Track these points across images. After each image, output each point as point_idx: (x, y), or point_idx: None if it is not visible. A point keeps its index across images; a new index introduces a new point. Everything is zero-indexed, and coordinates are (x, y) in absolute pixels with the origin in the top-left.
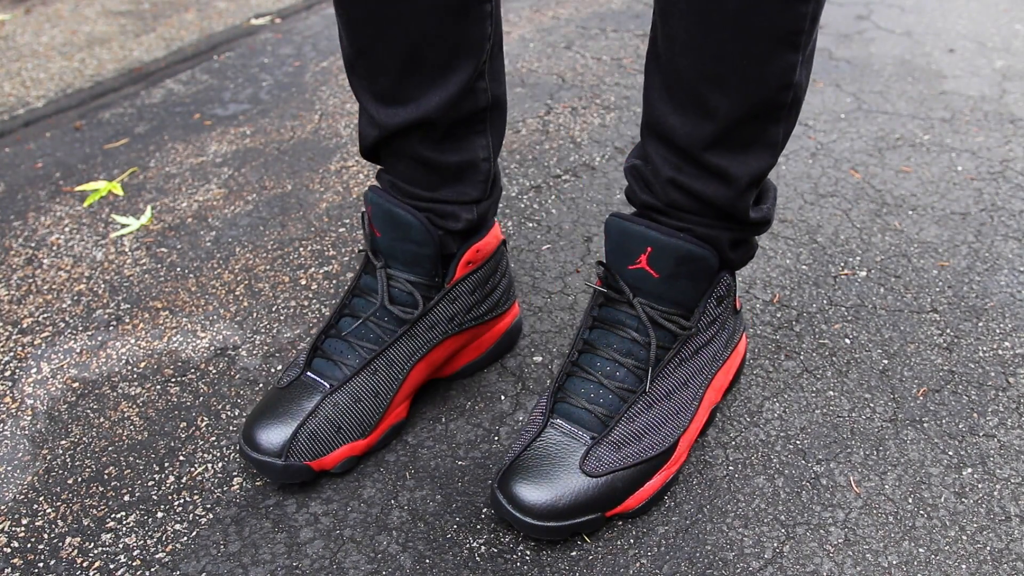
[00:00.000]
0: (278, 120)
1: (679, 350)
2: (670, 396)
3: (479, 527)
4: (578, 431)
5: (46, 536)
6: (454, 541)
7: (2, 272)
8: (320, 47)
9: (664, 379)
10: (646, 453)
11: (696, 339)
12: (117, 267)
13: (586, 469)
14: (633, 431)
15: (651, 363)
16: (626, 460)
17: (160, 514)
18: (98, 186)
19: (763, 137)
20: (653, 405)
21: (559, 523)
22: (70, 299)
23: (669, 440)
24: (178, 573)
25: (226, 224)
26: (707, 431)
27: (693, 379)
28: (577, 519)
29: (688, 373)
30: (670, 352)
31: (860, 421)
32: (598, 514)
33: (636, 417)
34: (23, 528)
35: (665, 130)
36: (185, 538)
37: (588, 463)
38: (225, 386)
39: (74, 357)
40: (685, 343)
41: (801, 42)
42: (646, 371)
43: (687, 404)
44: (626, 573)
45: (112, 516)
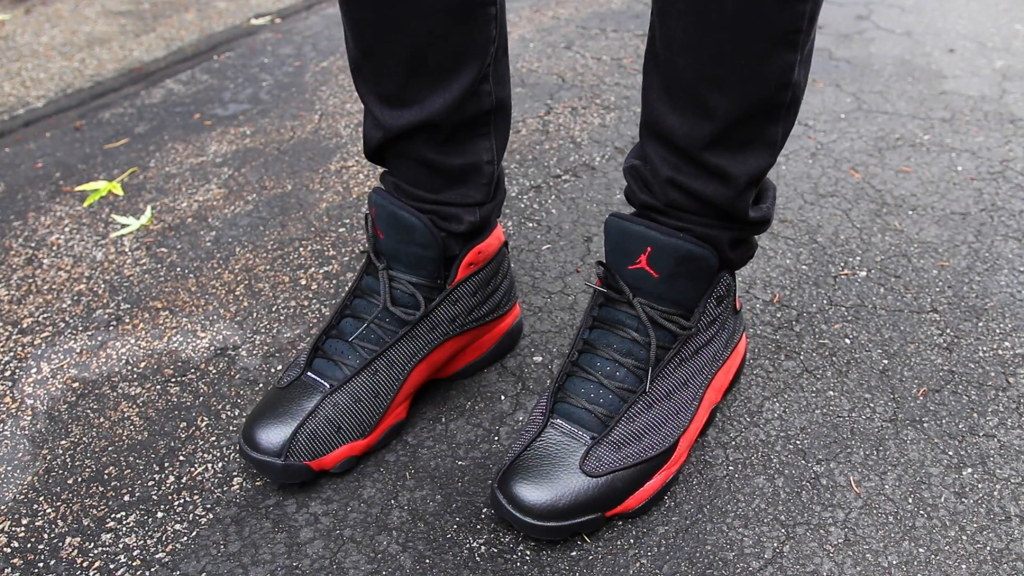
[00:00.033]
0: (278, 120)
1: (679, 350)
2: (670, 396)
3: (479, 527)
4: (578, 431)
5: (46, 536)
6: (454, 541)
7: (2, 272)
8: (320, 47)
9: (664, 379)
10: (646, 453)
11: (696, 339)
12: (117, 267)
13: (586, 469)
14: (633, 431)
15: (651, 363)
16: (626, 460)
17: (160, 514)
18: (98, 186)
19: (762, 136)
20: (653, 405)
21: (559, 523)
22: (70, 299)
23: (669, 440)
24: (178, 573)
25: (226, 224)
26: (707, 431)
27: (693, 379)
28: (577, 519)
29: (688, 373)
30: (670, 352)
31: (860, 421)
32: (598, 514)
33: (636, 417)
34: (23, 528)
35: (664, 130)
36: (185, 538)
37: (588, 463)
38: (225, 386)
39: (74, 357)
40: (685, 343)
41: (799, 41)
42: (646, 371)
43: (687, 404)
44: (626, 573)
45: (112, 516)
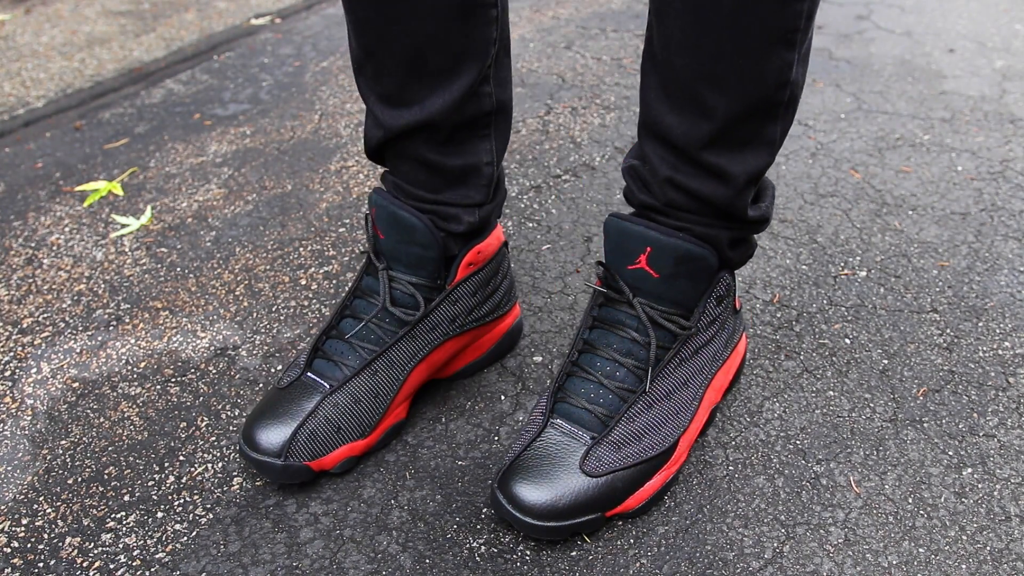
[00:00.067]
0: (278, 120)
1: (679, 350)
2: (670, 396)
3: (479, 527)
4: (578, 431)
5: (46, 536)
6: (454, 541)
7: (2, 272)
8: (320, 47)
9: (664, 379)
10: (646, 453)
11: (696, 339)
12: (117, 267)
13: (586, 469)
14: (633, 431)
15: (651, 363)
16: (626, 460)
17: (160, 514)
18: (98, 186)
19: (760, 135)
20: (653, 405)
21: (559, 523)
22: (70, 299)
23: (669, 440)
24: (178, 573)
25: (226, 224)
26: (707, 431)
27: (693, 379)
28: (577, 519)
29: (688, 373)
30: (670, 352)
31: (860, 421)
32: (598, 514)
33: (636, 417)
34: (23, 528)
35: (662, 130)
36: (185, 538)
37: (588, 463)
38: (225, 386)
39: (74, 357)
40: (685, 343)
41: (797, 40)
42: (646, 371)
43: (687, 404)
44: (626, 573)
45: (112, 516)
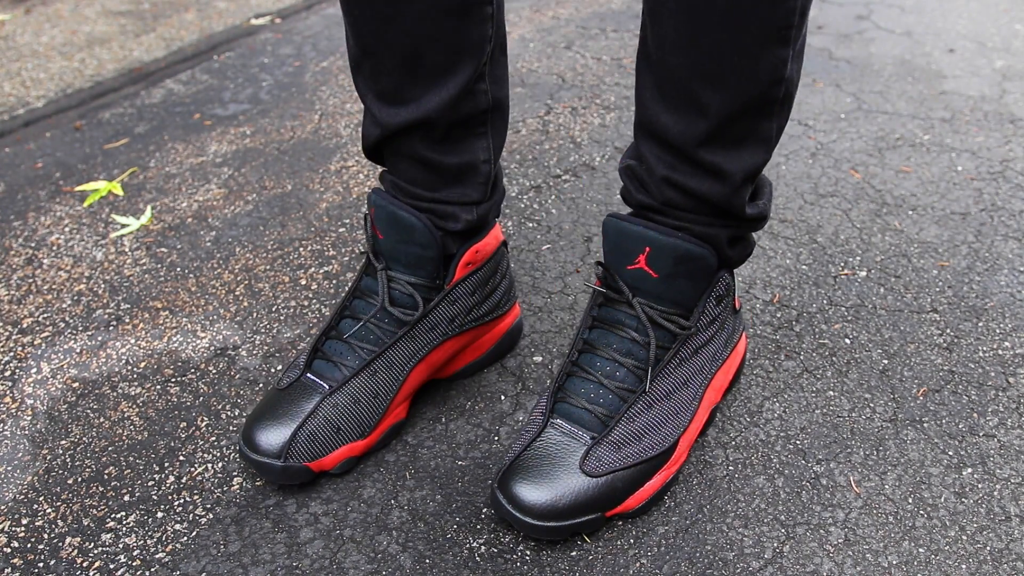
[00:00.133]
0: (278, 120)
1: (679, 350)
2: (670, 396)
3: (479, 527)
4: (578, 431)
5: (46, 536)
6: (454, 541)
7: (2, 272)
8: (320, 47)
9: (664, 379)
10: (646, 453)
11: (696, 339)
12: (117, 267)
13: (586, 469)
14: (633, 431)
15: (651, 363)
16: (626, 460)
17: (160, 514)
18: (98, 186)
19: (756, 132)
20: (653, 405)
21: (559, 523)
22: (70, 299)
23: (669, 440)
24: (178, 573)
25: (226, 224)
26: (707, 431)
27: (693, 379)
28: (577, 519)
29: (688, 373)
30: (670, 352)
31: (860, 421)
32: (598, 514)
33: (636, 417)
34: (23, 528)
35: (658, 129)
36: (185, 538)
37: (588, 463)
38: (225, 386)
39: (74, 357)
40: (685, 343)
41: (791, 36)
42: (646, 371)
43: (687, 404)
44: (626, 573)
45: (112, 516)
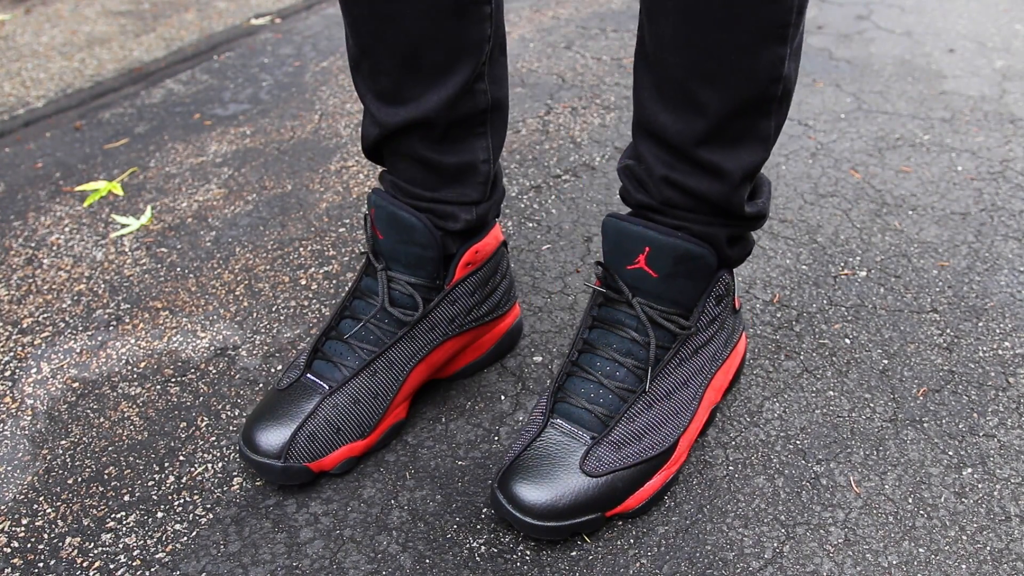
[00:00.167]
0: (278, 120)
1: (678, 350)
2: (670, 396)
3: (479, 527)
4: (578, 431)
5: (46, 536)
6: (454, 541)
7: (2, 272)
8: (320, 47)
9: (664, 379)
10: (646, 453)
11: (695, 338)
12: (117, 267)
13: (586, 469)
14: (633, 431)
15: (651, 363)
16: (626, 460)
17: (160, 514)
18: (98, 186)
19: (754, 131)
20: (653, 405)
21: (559, 523)
22: (70, 299)
23: (669, 440)
24: (178, 573)
25: (226, 224)
26: (707, 431)
27: (693, 379)
28: (577, 519)
29: (688, 373)
30: (670, 352)
31: (860, 421)
32: (598, 514)
33: (636, 417)
34: (23, 528)
35: (656, 128)
36: (185, 538)
37: (588, 463)
38: (225, 386)
39: (74, 357)
40: (684, 342)
41: (788, 34)
42: (646, 371)
43: (687, 404)
44: (626, 573)
45: (112, 516)
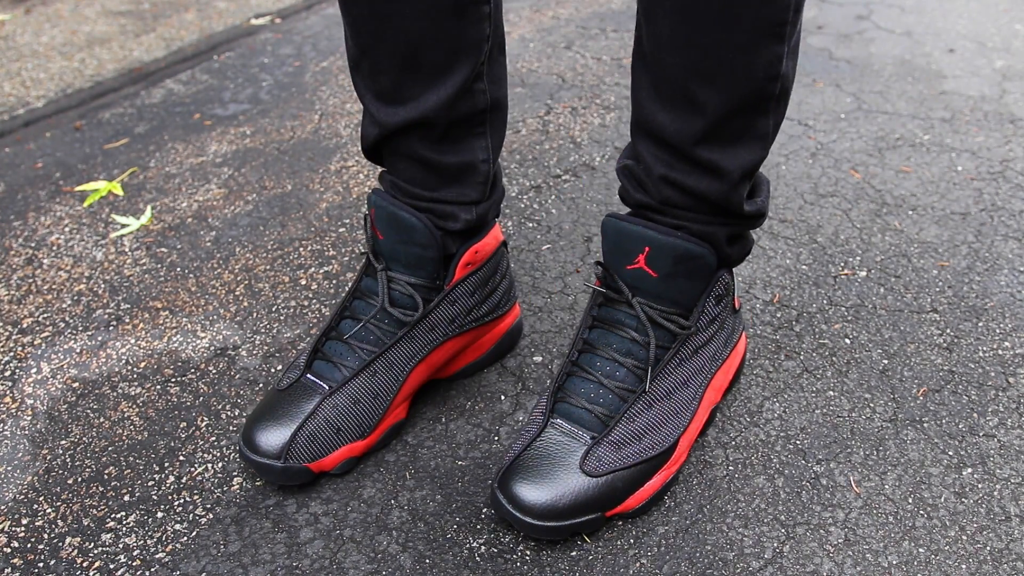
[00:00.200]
0: (278, 120)
1: (678, 349)
2: (670, 396)
3: (479, 527)
4: (578, 431)
5: (46, 536)
6: (454, 541)
7: (2, 272)
8: (320, 47)
9: (664, 379)
10: (646, 453)
11: (695, 338)
12: (117, 267)
13: (586, 469)
14: (633, 431)
15: (651, 363)
16: (626, 460)
17: (160, 514)
18: (98, 186)
19: (753, 129)
20: (653, 405)
21: (559, 523)
22: (70, 299)
23: (669, 440)
24: (178, 573)
25: (226, 224)
26: (707, 431)
27: (693, 379)
28: (577, 519)
29: (688, 372)
30: (670, 352)
31: (860, 421)
32: (598, 514)
33: (636, 417)
34: (23, 528)
35: (655, 128)
36: (185, 538)
37: (588, 463)
38: (225, 386)
39: (74, 357)
40: (684, 342)
41: (786, 33)
42: (646, 371)
43: (687, 404)
44: (626, 573)
45: (112, 516)
